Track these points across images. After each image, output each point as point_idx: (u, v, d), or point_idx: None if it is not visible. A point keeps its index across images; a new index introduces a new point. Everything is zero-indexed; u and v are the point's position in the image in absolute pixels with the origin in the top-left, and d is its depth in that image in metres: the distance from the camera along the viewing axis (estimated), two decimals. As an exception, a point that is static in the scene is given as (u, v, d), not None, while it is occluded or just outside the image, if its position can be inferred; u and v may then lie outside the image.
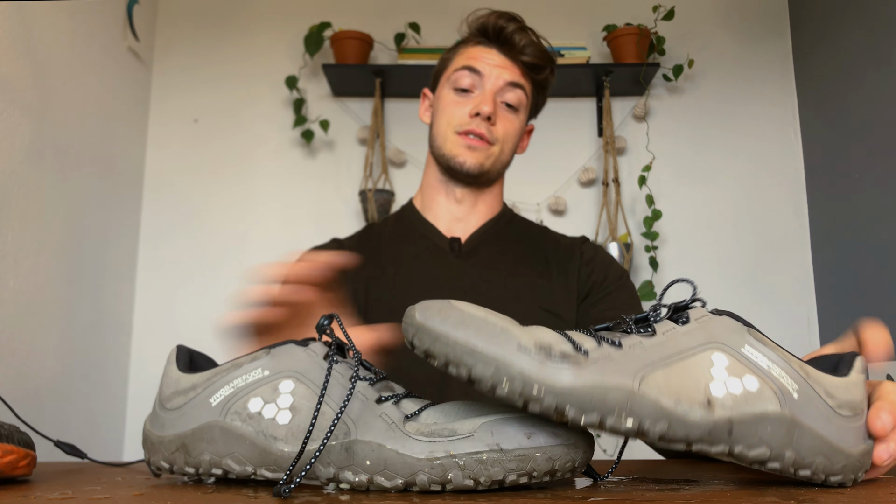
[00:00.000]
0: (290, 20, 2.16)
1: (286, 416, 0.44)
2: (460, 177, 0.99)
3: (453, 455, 0.41)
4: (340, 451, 0.43)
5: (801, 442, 0.41)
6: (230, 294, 2.02)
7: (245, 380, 0.46)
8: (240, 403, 0.45)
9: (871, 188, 1.77)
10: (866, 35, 1.80)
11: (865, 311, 1.80)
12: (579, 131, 2.12)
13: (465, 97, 0.99)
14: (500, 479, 0.41)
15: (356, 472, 0.42)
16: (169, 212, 2.06)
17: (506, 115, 0.99)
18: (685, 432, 0.39)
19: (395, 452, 0.41)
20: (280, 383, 0.45)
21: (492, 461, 0.41)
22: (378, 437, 0.42)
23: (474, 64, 0.99)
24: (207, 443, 0.45)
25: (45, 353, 1.49)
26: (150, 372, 1.97)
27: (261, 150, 2.11)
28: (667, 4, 2.15)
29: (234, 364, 0.47)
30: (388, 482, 0.42)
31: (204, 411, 0.46)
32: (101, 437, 1.80)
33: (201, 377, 0.47)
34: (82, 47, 1.66)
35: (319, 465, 0.43)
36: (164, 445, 0.47)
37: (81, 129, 1.67)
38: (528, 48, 1.00)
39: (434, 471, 0.41)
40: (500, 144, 0.99)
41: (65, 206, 1.58)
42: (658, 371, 0.40)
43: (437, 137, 1.00)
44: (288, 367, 0.46)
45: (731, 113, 2.12)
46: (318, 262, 0.63)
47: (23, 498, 0.42)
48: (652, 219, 1.98)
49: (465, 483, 0.41)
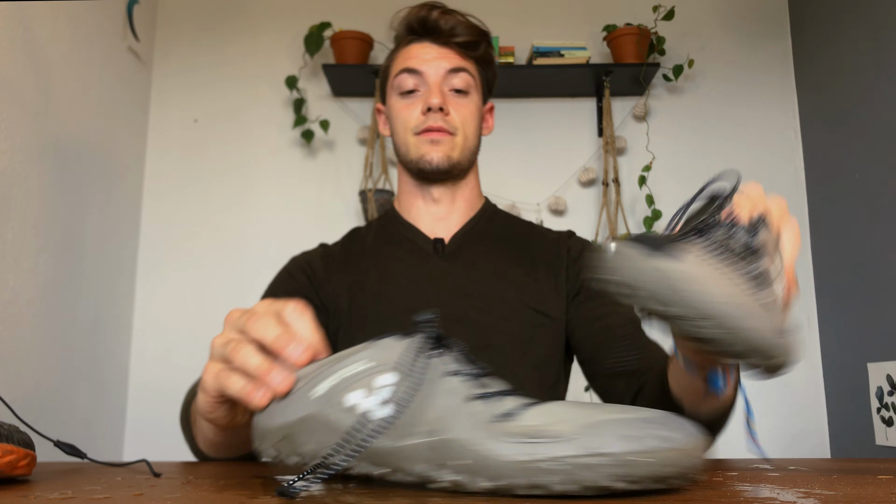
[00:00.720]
0: (290, 20, 2.16)
1: (384, 410, 0.43)
2: (433, 176, 0.98)
3: (556, 458, 0.39)
4: (435, 448, 0.41)
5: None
6: (230, 294, 2.02)
7: (347, 372, 0.45)
8: (340, 395, 0.45)
9: (871, 188, 1.77)
10: (866, 36, 1.80)
11: (865, 311, 1.80)
12: (579, 131, 2.12)
13: (413, 98, 0.98)
14: (603, 485, 0.39)
15: (450, 472, 0.41)
16: (169, 212, 2.06)
17: (457, 101, 0.98)
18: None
19: (495, 453, 0.40)
20: (380, 376, 0.44)
21: (596, 466, 0.38)
22: (476, 436, 0.41)
23: (411, 64, 0.98)
24: (310, 433, 0.45)
25: (45, 353, 1.49)
26: (150, 372, 1.97)
27: (261, 151, 2.11)
28: (667, 4, 2.15)
29: (337, 357, 0.47)
30: (487, 483, 0.40)
31: (307, 402, 0.45)
32: (101, 437, 1.80)
33: (307, 369, 0.47)
34: (82, 47, 1.66)
35: (411, 462, 0.42)
36: (271, 434, 0.47)
37: (81, 129, 1.67)
38: (456, 28, 0.99)
39: (536, 475, 0.39)
40: (462, 131, 0.98)
41: (65, 206, 1.58)
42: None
43: (400, 145, 1.00)
44: (389, 359, 0.45)
45: (731, 113, 2.12)
46: (300, 343, 0.48)
47: (23, 498, 0.42)
48: (652, 219, 1.98)
49: (568, 488, 0.39)
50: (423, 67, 0.97)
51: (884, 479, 0.49)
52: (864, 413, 1.78)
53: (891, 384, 1.68)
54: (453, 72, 0.98)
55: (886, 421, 1.70)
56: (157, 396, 1.95)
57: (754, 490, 0.44)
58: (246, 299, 2.00)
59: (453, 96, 0.98)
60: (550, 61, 2.00)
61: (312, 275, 0.99)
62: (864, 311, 1.80)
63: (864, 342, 1.80)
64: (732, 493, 0.42)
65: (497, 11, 2.19)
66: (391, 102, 1.01)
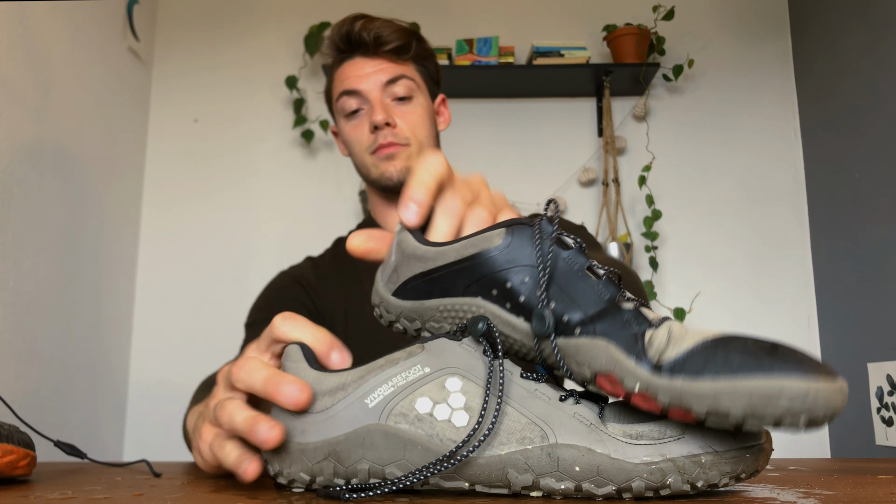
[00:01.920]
0: (290, 20, 2.16)
1: (463, 418, 0.40)
2: (397, 190, 0.96)
3: (671, 458, 0.38)
4: (541, 456, 0.39)
5: None
6: (230, 293, 2.02)
7: (405, 377, 0.41)
8: (404, 404, 0.40)
9: (871, 188, 1.77)
10: (866, 36, 1.80)
11: (865, 311, 1.80)
12: (579, 131, 2.12)
13: (359, 118, 0.97)
14: (715, 482, 0.38)
15: (560, 479, 0.39)
16: (169, 212, 2.06)
17: (402, 109, 0.96)
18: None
19: (608, 457, 0.38)
20: (446, 381, 0.41)
21: (710, 464, 0.38)
22: (583, 440, 0.39)
23: (347, 85, 0.96)
24: (366, 449, 0.40)
25: (45, 353, 1.49)
26: (150, 372, 1.97)
27: (261, 150, 2.11)
28: (667, 4, 2.15)
29: (388, 360, 0.42)
30: (599, 489, 0.38)
31: (359, 413, 0.40)
32: (101, 437, 1.80)
33: (350, 375, 0.42)
34: (82, 47, 1.66)
35: (514, 472, 0.39)
36: (308, 454, 0.41)
37: (81, 129, 1.67)
38: (382, 36, 0.96)
39: (652, 476, 0.38)
40: (414, 139, 0.96)
41: (65, 206, 1.58)
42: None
43: (360, 166, 0.99)
44: (449, 363, 0.41)
45: (731, 113, 2.12)
46: (292, 382, 0.42)
47: (23, 498, 0.42)
48: (652, 219, 1.98)
49: (683, 488, 0.38)
50: (359, 86, 0.95)
51: (884, 479, 0.49)
52: (864, 413, 1.78)
53: (891, 384, 1.68)
54: (391, 82, 0.96)
55: (886, 421, 1.70)
56: (157, 396, 1.95)
57: (754, 490, 0.44)
58: (246, 299, 2.00)
59: (397, 105, 0.96)
60: (550, 61, 2.00)
61: (307, 284, 0.99)
62: (864, 311, 1.80)
63: (864, 342, 1.80)
64: (732, 492, 0.42)
65: (497, 11, 2.19)
66: (340, 126, 1.00)
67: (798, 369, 0.35)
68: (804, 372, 0.35)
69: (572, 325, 0.41)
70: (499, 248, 0.42)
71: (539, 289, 0.41)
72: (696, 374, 0.37)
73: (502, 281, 0.42)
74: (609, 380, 0.40)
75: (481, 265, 0.43)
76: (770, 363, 0.35)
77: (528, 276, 0.42)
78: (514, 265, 0.42)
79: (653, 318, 0.41)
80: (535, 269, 0.42)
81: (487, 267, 0.42)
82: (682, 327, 0.40)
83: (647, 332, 0.40)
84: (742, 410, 0.35)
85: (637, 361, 0.39)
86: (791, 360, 0.35)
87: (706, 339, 0.38)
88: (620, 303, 0.41)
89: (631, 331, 0.40)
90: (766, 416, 0.35)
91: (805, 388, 0.34)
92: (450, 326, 0.44)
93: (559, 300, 0.41)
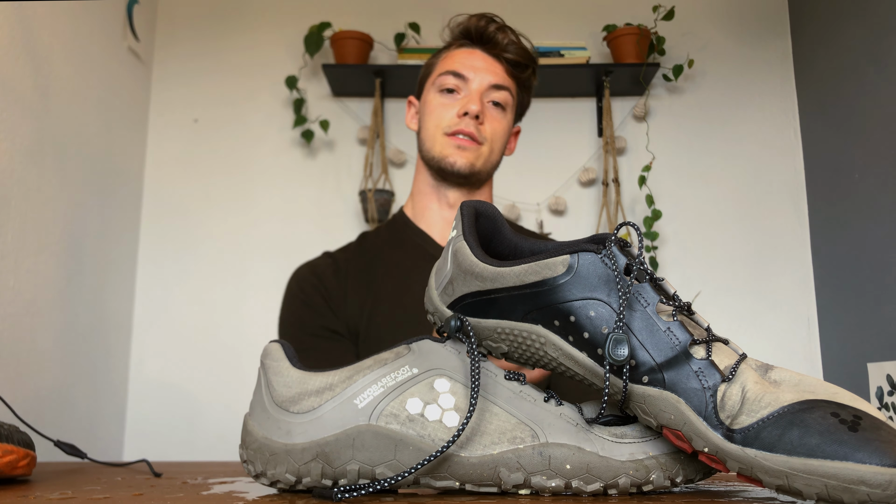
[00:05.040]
0: (290, 20, 2.16)
1: (454, 418, 0.40)
2: (451, 178, 0.99)
3: (653, 455, 0.39)
4: (533, 455, 0.40)
5: None
6: (230, 293, 2.02)
7: (395, 378, 0.41)
8: (395, 405, 0.40)
9: (871, 188, 1.77)
10: (866, 35, 1.80)
11: (865, 311, 1.80)
12: (579, 131, 2.12)
13: (452, 98, 0.99)
14: (692, 477, 0.40)
15: (551, 477, 0.40)
16: (169, 212, 2.06)
17: (493, 113, 1.00)
18: None
19: (597, 455, 0.39)
20: (434, 382, 0.41)
21: (688, 459, 0.40)
22: (572, 439, 0.40)
23: (458, 68, 0.99)
24: (357, 450, 0.40)
25: (45, 353, 1.49)
26: (150, 372, 1.97)
27: (261, 150, 2.11)
28: (667, 4, 2.15)
29: (375, 360, 0.42)
30: (588, 486, 0.39)
31: (349, 414, 0.40)
32: (101, 437, 1.80)
33: (338, 375, 0.42)
34: (82, 47, 1.66)
35: (505, 470, 0.40)
36: (294, 455, 0.40)
37: (81, 129, 1.66)
38: (510, 46, 1.01)
39: (637, 472, 0.39)
40: (490, 144, 0.99)
41: (65, 206, 1.58)
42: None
43: (426, 141, 1.00)
44: (435, 364, 0.41)
45: (731, 113, 2.12)
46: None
47: (23, 498, 0.42)
48: (652, 219, 1.98)
49: (664, 483, 0.39)
50: (469, 74, 0.99)
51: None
52: (864, 413, 1.78)
53: (891, 384, 1.68)
54: (496, 87, 0.99)
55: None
56: (158, 396, 1.95)
57: (754, 490, 0.44)
58: (246, 299, 2.00)
59: (490, 108, 0.99)
60: (550, 61, 2.00)
61: (327, 294, 0.98)
62: (864, 311, 1.80)
63: (864, 342, 1.80)
64: (733, 492, 0.42)
65: (497, 11, 2.17)
66: (428, 97, 1.01)
67: (879, 453, 0.33)
68: (886, 455, 0.32)
69: (640, 372, 0.39)
70: (562, 278, 0.40)
71: (612, 331, 0.39)
72: (769, 448, 0.35)
73: (565, 313, 0.40)
74: (677, 435, 0.38)
75: (542, 295, 0.40)
76: (852, 445, 0.33)
77: (594, 311, 0.39)
78: (578, 297, 0.40)
79: (725, 368, 0.38)
80: (602, 304, 0.39)
81: (549, 298, 0.40)
82: (757, 383, 0.37)
83: (719, 389, 0.37)
84: (816, 494, 0.33)
85: (708, 424, 0.37)
86: (873, 442, 0.33)
87: (783, 407, 0.36)
88: (691, 349, 0.39)
89: (702, 385, 0.38)
90: (842, 502, 0.33)
91: (888, 478, 0.32)
92: (507, 348, 0.43)
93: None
